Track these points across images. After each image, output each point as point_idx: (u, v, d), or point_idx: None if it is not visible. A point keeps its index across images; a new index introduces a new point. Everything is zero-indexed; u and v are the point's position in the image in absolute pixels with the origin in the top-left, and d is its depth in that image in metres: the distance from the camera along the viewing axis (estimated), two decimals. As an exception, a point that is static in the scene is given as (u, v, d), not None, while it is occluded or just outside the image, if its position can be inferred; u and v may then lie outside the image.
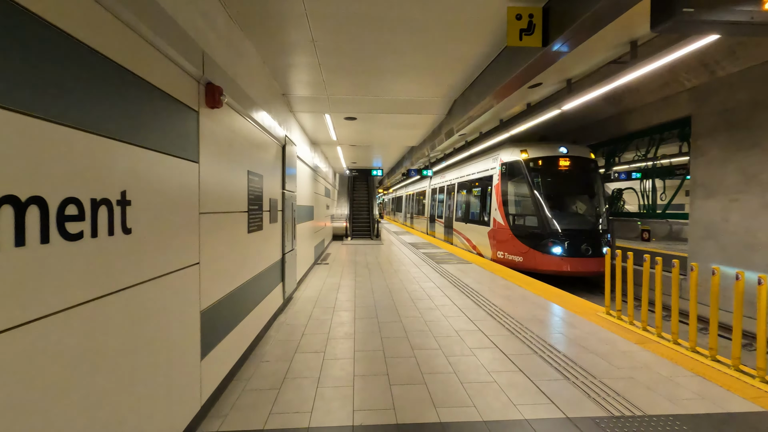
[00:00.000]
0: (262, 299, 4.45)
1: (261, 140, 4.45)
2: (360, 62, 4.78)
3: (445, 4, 3.36)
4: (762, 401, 3.09)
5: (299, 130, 7.96)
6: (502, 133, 9.26)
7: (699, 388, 3.31)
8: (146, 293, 2.01)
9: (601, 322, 5.10)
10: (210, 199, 2.88)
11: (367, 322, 5.08)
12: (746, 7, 2.68)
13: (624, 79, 5.08)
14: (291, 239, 6.23)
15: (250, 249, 3.97)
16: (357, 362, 3.83)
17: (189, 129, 2.54)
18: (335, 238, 17.01)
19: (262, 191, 4.42)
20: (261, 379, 3.46)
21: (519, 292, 6.83)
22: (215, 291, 3.00)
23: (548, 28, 3.34)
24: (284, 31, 3.90)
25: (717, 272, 3.87)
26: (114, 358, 1.75)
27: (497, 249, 11.15)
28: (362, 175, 18.42)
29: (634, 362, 3.83)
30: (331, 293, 6.75)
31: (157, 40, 2.08)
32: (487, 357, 3.96)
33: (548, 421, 2.81)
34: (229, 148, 3.33)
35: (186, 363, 2.48)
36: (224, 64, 3.23)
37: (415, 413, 2.90)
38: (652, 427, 2.73)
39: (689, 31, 2.83)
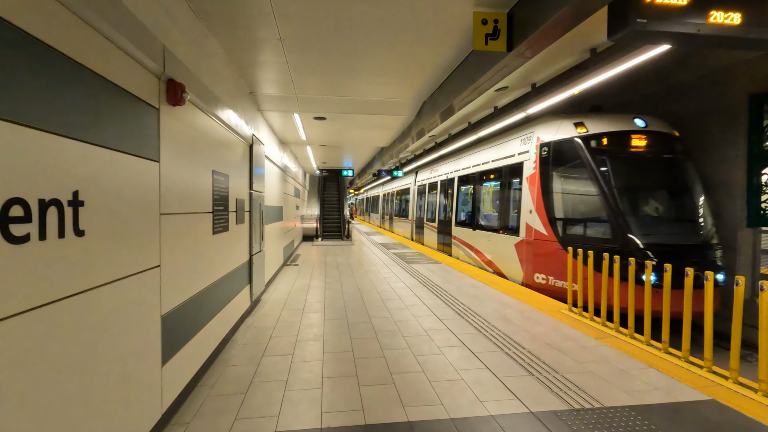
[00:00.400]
0: (228, 302, 4.34)
1: (227, 139, 4.34)
2: (329, 62, 4.75)
3: (412, 6, 3.39)
4: (709, 390, 3.29)
5: (267, 130, 7.83)
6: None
7: (652, 379, 3.49)
8: (101, 298, 1.92)
9: (564, 319, 5.28)
10: (172, 199, 2.79)
11: (337, 324, 5.06)
12: (693, 20, 2.85)
13: (585, 84, 5.28)
14: (259, 240, 6.11)
15: (215, 251, 3.86)
16: (326, 364, 3.80)
17: (148, 127, 2.45)
18: (305, 239, 16.82)
19: (228, 191, 4.31)
20: (226, 384, 3.38)
21: (487, 291, 6.97)
22: (177, 294, 2.90)
23: (512, 33, 3.44)
24: (250, 28, 3.82)
25: (668, 269, 4.09)
26: (65, 366, 1.66)
27: (534, 269, 7.41)
28: (333, 175, 18.29)
29: (594, 356, 3.99)
30: (300, 295, 6.67)
31: (112, 32, 1.99)
32: (455, 355, 4.02)
33: (513, 416, 2.88)
34: (192, 146, 3.23)
35: (145, 370, 2.38)
36: (187, 61, 3.13)
37: (384, 413, 2.91)
38: (609, 419, 2.85)
39: (643, 40, 2.98)
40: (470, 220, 10.75)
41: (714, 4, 2.86)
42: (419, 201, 16.96)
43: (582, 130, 7.02)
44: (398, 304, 6.04)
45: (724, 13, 2.87)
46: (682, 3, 2.81)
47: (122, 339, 2.11)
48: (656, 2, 2.79)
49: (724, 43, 3.03)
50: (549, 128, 7.50)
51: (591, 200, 6.81)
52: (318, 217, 18.14)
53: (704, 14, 2.86)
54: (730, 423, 2.80)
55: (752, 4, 2.90)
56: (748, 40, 2.99)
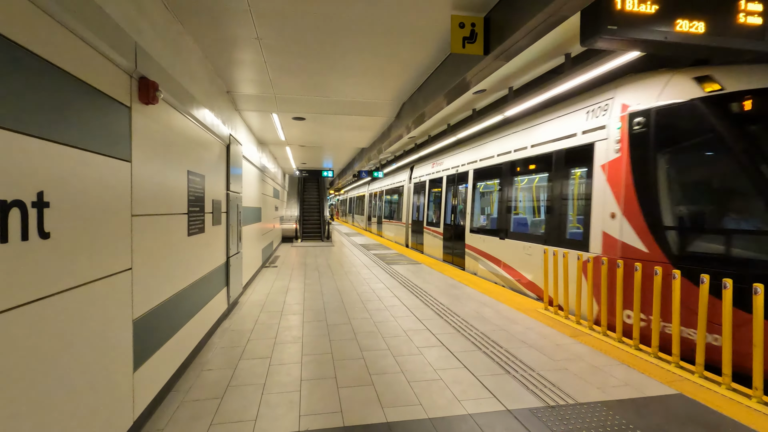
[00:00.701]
0: (204, 305, 4.26)
1: (203, 139, 4.26)
2: (308, 62, 4.72)
3: (391, 8, 3.40)
4: (676, 385, 3.41)
5: (245, 129, 7.71)
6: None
7: (624, 375, 3.60)
8: (68, 302, 1.85)
9: (540, 318, 5.38)
10: (144, 200, 2.71)
11: (316, 325, 5.02)
12: (661, 28, 2.96)
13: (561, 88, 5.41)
14: (236, 242, 6.01)
15: (190, 253, 3.78)
16: (305, 366, 3.77)
17: (119, 125, 2.38)
18: (285, 240, 16.65)
19: (203, 192, 4.23)
20: (202, 388, 3.31)
21: (466, 291, 7.05)
22: (150, 298, 2.83)
23: (489, 37, 3.49)
24: (227, 26, 3.76)
25: (639, 268, 4.22)
26: (26, 375, 1.59)
27: (618, 301, 4.67)
28: (313, 176, 18.15)
29: (569, 354, 4.09)
30: (279, 297, 6.60)
31: (79, 27, 1.93)
32: (433, 355, 4.05)
33: (490, 414, 2.92)
34: (166, 146, 3.16)
35: (115, 376, 2.31)
36: (161, 58, 3.06)
37: (363, 415, 2.91)
38: (582, 414, 2.92)
39: (614, 47, 3.07)
40: (495, 225, 8.22)
41: (680, 13, 2.97)
42: (416, 201, 14.13)
43: (712, 87, 4.42)
44: (378, 305, 6.04)
45: (689, 22, 2.99)
46: (650, 11, 2.91)
47: (90, 345, 2.05)
48: (626, 10, 2.88)
49: (689, 50, 3.16)
50: (645, 89, 4.90)
51: (735, 197, 4.43)
52: (298, 218, 17.98)
53: (671, 23, 2.97)
54: (695, 416, 2.92)
55: (715, 15, 3.03)
56: (712, 48, 3.12)
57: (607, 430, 2.73)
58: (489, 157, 8.55)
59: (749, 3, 3.09)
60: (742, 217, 4.23)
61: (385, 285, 7.62)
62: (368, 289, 7.27)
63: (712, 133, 4.34)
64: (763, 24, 3.12)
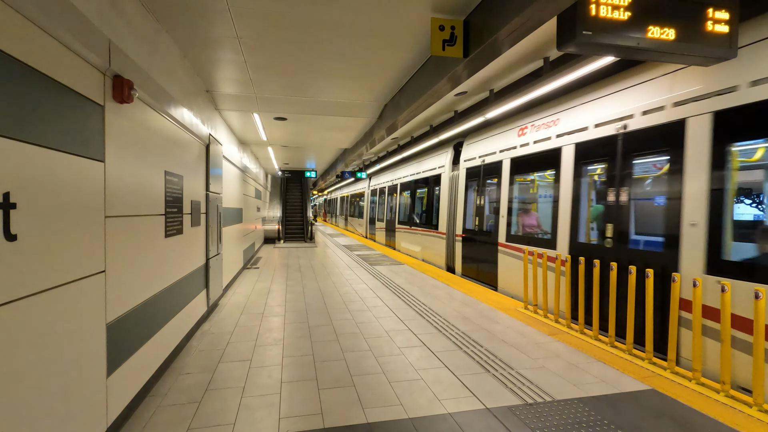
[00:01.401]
0: (182, 307, 4.18)
1: (181, 138, 4.18)
2: (289, 62, 4.69)
3: (372, 10, 3.41)
4: (649, 380, 3.52)
5: (226, 129, 7.61)
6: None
7: (600, 372, 3.69)
8: (37, 306, 1.80)
9: (519, 317, 5.47)
10: (119, 201, 2.65)
11: (298, 327, 4.99)
12: (634, 35, 3.05)
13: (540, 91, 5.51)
14: (216, 243, 5.92)
15: (167, 254, 3.71)
16: (285, 368, 3.74)
17: (92, 125, 2.32)
18: (267, 242, 16.47)
19: (182, 193, 4.15)
20: (179, 393, 3.25)
21: (447, 291, 7.11)
22: (125, 301, 2.77)
23: (469, 40, 3.53)
24: (206, 25, 3.71)
25: (614, 267, 4.34)
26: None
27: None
28: (295, 176, 18.00)
29: (547, 352, 4.16)
30: (260, 298, 6.53)
31: (48, 23, 1.88)
32: (415, 355, 4.07)
33: (469, 413, 2.95)
34: (142, 146, 3.09)
35: (88, 382, 2.25)
36: (136, 56, 3.00)
37: (343, 416, 2.91)
38: (560, 411, 2.99)
39: (588, 51, 3.15)
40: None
41: (651, 20, 3.07)
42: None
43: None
44: (360, 306, 6.04)
45: (660, 29, 3.09)
46: (623, 18, 3.00)
47: (62, 350, 1.99)
48: (600, 16, 2.96)
49: (661, 56, 3.27)
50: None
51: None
52: (280, 219, 17.80)
53: (643, 29, 3.07)
54: (666, 410, 3.01)
55: (684, 22, 3.14)
56: (682, 55, 3.23)
57: (583, 425, 2.79)
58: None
59: (716, 12, 3.21)
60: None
61: (367, 286, 7.62)
62: (350, 290, 7.26)
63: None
64: (729, 32, 3.25)
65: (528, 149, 6.63)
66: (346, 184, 27.50)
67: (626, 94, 4.86)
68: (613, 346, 4.31)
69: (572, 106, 5.85)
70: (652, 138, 4.43)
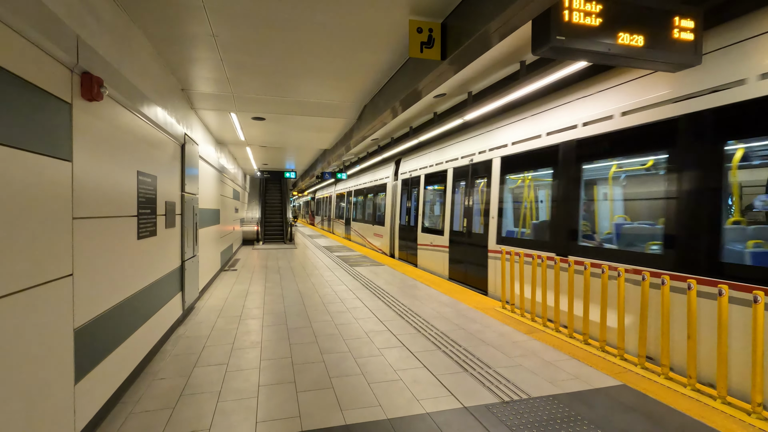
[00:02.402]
0: (156, 311, 4.08)
1: (155, 138, 4.08)
2: (267, 62, 4.63)
3: (350, 11, 3.40)
4: (621, 376, 3.62)
5: (202, 129, 7.46)
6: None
7: (574, 369, 3.77)
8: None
9: (497, 316, 5.55)
10: (87, 202, 2.57)
11: (276, 329, 4.93)
12: (605, 41, 3.14)
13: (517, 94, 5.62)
14: (192, 245, 5.80)
15: (140, 257, 3.61)
16: (263, 371, 3.69)
17: (58, 123, 2.24)
18: (246, 243, 16.22)
19: (155, 193, 4.05)
20: (153, 399, 3.17)
21: (427, 292, 7.15)
22: (95, 305, 2.68)
23: (446, 42, 3.57)
24: (180, 22, 3.63)
25: (587, 266, 4.45)
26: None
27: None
28: (275, 177, 17.79)
29: (524, 350, 4.24)
30: (238, 301, 6.42)
31: (10, 17, 1.80)
32: (394, 356, 4.08)
33: (447, 412, 2.98)
34: (113, 145, 3.00)
35: (54, 389, 2.17)
36: (107, 53, 2.91)
37: (322, 418, 2.89)
38: (535, 408, 3.04)
39: (562, 56, 3.23)
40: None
41: (621, 27, 3.17)
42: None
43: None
44: (340, 308, 6.01)
45: (630, 35, 3.19)
46: (594, 24, 3.08)
47: (26, 357, 1.91)
48: (573, 22, 3.03)
49: (631, 61, 3.37)
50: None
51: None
52: (259, 220, 17.56)
53: (614, 35, 3.16)
54: (637, 405, 3.11)
55: (652, 30, 3.25)
56: (650, 61, 3.35)
57: (557, 421, 2.86)
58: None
59: (683, 20, 3.34)
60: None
61: (347, 287, 7.60)
62: (330, 291, 7.22)
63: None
64: (694, 39, 3.39)
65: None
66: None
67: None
68: (586, 344, 4.42)
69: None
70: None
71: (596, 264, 4.65)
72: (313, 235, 22.03)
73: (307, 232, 24.86)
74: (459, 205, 8.48)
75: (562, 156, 5.42)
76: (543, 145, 5.81)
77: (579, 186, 5.09)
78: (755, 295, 2.91)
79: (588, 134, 5.01)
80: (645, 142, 4.29)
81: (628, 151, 4.54)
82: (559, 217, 5.39)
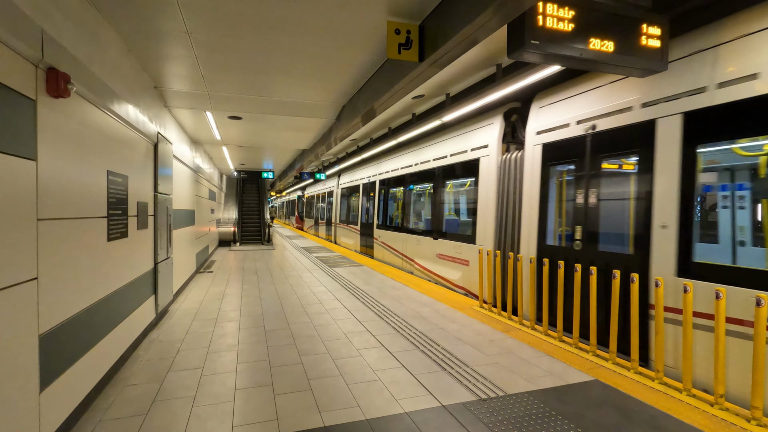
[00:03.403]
0: (128, 315, 3.96)
1: (126, 137, 3.96)
2: (244, 60, 4.56)
3: (328, 11, 3.39)
4: (594, 372, 3.73)
5: (176, 128, 7.29)
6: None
7: (548, 366, 3.86)
8: (-45, 319, 1.64)
9: (474, 315, 5.62)
10: (53, 202, 2.47)
11: (253, 332, 4.86)
12: (577, 45, 3.23)
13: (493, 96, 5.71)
14: (166, 247, 5.65)
15: (111, 259, 3.50)
16: (239, 375, 3.63)
17: (21, 120, 2.15)
18: (222, 244, 15.91)
19: (127, 194, 3.93)
20: (124, 405, 3.07)
21: (406, 292, 7.18)
22: (62, 310, 2.58)
23: (424, 44, 3.60)
24: (151, 18, 3.53)
25: (562, 265, 4.57)
26: None
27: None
28: (252, 177, 17.54)
29: (500, 349, 4.31)
30: (214, 303, 6.29)
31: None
32: (373, 356, 4.08)
33: (425, 411, 3.00)
34: (81, 144, 2.90)
35: (17, 398, 2.08)
36: (74, 48, 2.81)
37: (299, 421, 2.86)
38: (511, 405, 3.10)
39: (536, 60, 3.30)
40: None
41: (593, 33, 3.27)
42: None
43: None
44: (319, 309, 5.97)
45: (601, 41, 3.29)
46: (567, 29, 3.17)
47: (-15, 365, 1.82)
48: (547, 27, 3.11)
49: (602, 66, 3.48)
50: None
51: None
52: (236, 220, 17.27)
53: (585, 41, 3.25)
54: (608, 399, 3.20)
55: (622, 36, 3.36)
56: (620, 66, 3.46)
57: (533, 417, 2.92)
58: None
59: (650, 27, 3.47)
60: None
61: (326, 288, 7.55)
62: (309, 292, 7.17)
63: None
64: (661, 46, 3.52)
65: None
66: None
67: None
68: (561, 341, 4.53)
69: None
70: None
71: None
72: (292, 236, 21.81)
73: (286, 232, 24.58)
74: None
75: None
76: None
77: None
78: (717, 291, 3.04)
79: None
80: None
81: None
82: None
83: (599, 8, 3.28)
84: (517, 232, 5.90)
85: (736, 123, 3.38)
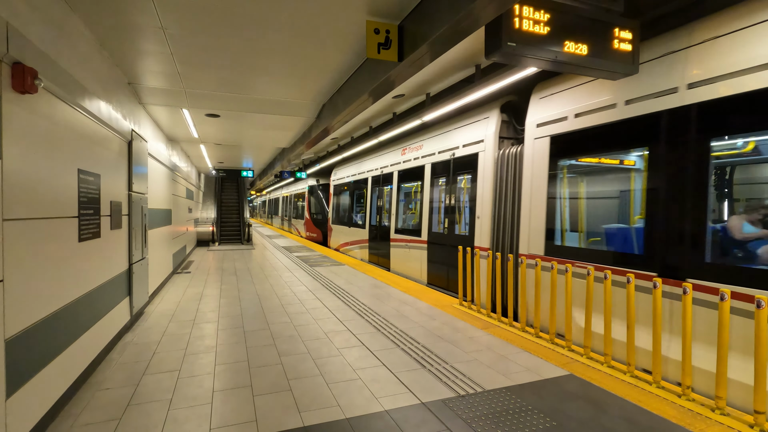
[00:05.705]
0: (101, 317, 3.85)
1: (98, 134, 3.85)
2: (222, 57, 4.49)
3: (307, 9, 3.37)
4: (569, 366, 3.82)
5: (152, 125, 7.12)
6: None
7: (525, 361, 3.94)
8: None
9: (455, 313, 5.69)
10: (19, 202, 2.39)
11: (232, 333, 4.79)
12: (552, 48, 3.30)
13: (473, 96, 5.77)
14: (141, 247, 5.52)
15: (82, 260, 3.40)
16: (218, 377, 3.58)
17: (-15, 117, 2.07)
18: (200, 244, 15.62)
19: (99, 193, 3.82)
20: (96, 410, 2.99)
21: (387, 291, 7.20)
22: (29, 313, 2.49)
23: (403, 44, 3.61)
24: (124, 12, 3.44)
25: (539, 263, 4.66)
26: None
27: None
28: (231, 175, 17.25)
29: (479, 345, 4.37)
30: (191, 305, 6.18)
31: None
32: (353, 355, 4.09)
33: (405, 409, 3.03)
34: (49, 141, 2.80)
35: (-18, 405, 2.00)
36: (42, 42, 2.71)
37: (279, 421, 2.84)
38: (489, 400, 3.15)
39: (513, 62, 3.36)
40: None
41: (567, 36, 3.35)
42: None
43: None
44: (299, 309, 5.94)
45: (575, 44, 3.38)
46: (543, 32, 3.23)
47: (-54, 371, 1.75)
48: (523, 29, 3.17)
49: (576, 68, 3.57)
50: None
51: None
52: (215, 220, 16.97)
53: (560, 44, 3.33)
54: (582, 393, 3.30)
55: (595, 40, 3.46)
56: (594, 68, 3.55)
57: (510, 412, 2.98)
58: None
59: (622, 32, 3.58)
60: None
61: (307, 288, 7.51)
62: (289, 292, 7.11)
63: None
64: (632, 50, 3.63)
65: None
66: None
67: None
68: (538, 337, 4.63)
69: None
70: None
71: None
72: (272, 235, 21.57)
73: (266, 232, 24.30)
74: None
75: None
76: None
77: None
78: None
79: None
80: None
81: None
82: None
83: (574, 12, 3.36)
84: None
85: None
